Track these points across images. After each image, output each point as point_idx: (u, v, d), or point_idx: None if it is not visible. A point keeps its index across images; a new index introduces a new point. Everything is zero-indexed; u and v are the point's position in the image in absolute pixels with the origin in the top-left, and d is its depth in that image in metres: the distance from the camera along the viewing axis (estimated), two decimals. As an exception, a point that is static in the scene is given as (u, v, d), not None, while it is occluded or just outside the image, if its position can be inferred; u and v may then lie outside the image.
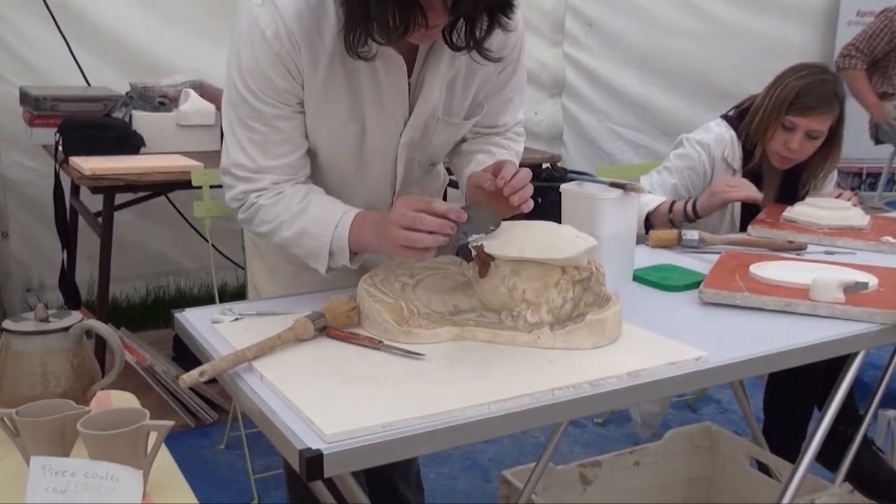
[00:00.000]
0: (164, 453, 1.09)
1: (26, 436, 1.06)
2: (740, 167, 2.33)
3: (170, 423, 1.03)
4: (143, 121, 3.14)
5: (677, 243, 2.00)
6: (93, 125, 3.03)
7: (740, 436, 2.46)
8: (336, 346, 1.30)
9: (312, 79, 1.41)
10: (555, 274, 1.32)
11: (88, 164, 2.73)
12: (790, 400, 2.43)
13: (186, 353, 2.59)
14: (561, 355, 1.28)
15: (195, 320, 1.43)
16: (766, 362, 1.38)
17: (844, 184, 4.97)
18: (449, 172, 1.84)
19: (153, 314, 3.80)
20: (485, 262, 1.35)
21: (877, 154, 4.86)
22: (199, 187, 2.52)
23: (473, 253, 1.37)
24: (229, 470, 2.73)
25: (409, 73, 1.46)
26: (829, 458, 2.00)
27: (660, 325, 1.42)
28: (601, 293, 1.37)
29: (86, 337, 1.22)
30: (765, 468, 2.34)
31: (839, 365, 1.62)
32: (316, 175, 1.54)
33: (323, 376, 1.19)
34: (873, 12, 4.54)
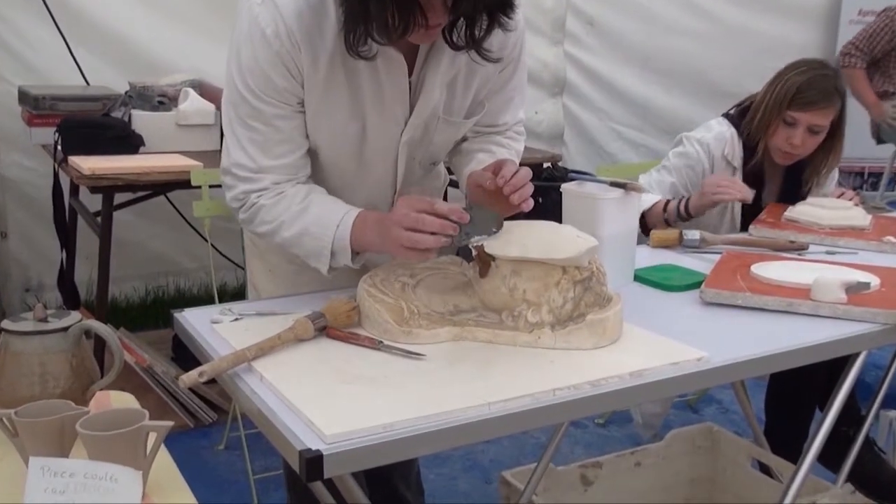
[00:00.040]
0: (164, 454, 1.09)
1: (25, 436, 1.06)
2: (741, 165, 2.32)
3: (169, 424, 1.03)
4: (142, 120, 3.13)
5: (678, 243, 1.99)
6: (92, 125, 3.02)
7: (742, 436, 2.46)
8: (336, 347, 1.30)
9: (313, 78, 1.40)
10: (556, 274, 1.32)
11: (87, 164, 2.73)
12: (792, 400, 2.43)
13: (186, 354, 2.59)
14: (562, 355, 1.28)
15: (194, 320, 1.43)
16: (767, 363, 1.37)
17: (846, 183, 4.96)
18: (449, 172, 1.84)
19: (152, 314, 3.79)
20: (485, 261, 1.35)
21: (878, 154, 4.85)
22: (199, 187, 2.51)
23: (474, 253, 1.37)
24: (229, 470, 2.73)
25: (409, 73, 1.45)
26: (830, 459, 2.00)
27: (661, 325, 1.42)
28: (602, 293, 1.37)
29: (85, 337, 1.22)
30: (766, 469, 2.34)
31: (841, 365, 1.62)
32: (317, 175, 1.54)
33: (323, 376, 1.19)
34: (875, 11, 4.53)
